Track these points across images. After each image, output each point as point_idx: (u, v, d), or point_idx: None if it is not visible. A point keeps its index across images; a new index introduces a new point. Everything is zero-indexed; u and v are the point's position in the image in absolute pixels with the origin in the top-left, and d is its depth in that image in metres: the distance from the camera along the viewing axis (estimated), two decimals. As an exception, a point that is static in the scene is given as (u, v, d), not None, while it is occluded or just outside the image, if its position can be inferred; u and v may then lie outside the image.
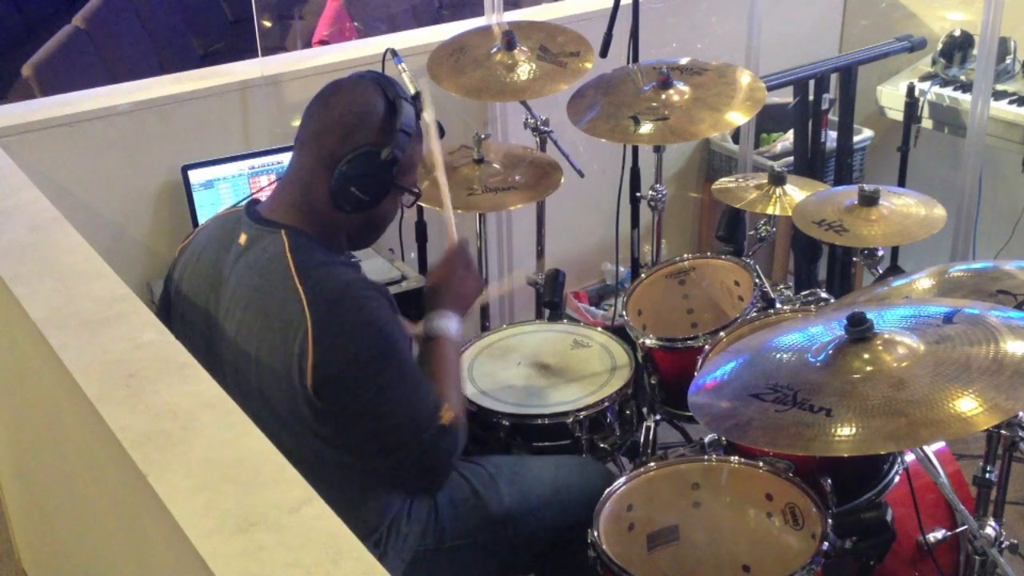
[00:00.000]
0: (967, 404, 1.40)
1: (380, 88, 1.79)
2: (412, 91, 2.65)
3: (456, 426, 1.79)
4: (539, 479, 2.03)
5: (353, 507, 1.79)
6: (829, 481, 1.87)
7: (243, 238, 1.79)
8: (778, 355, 1.64)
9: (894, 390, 1.46)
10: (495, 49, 2.72)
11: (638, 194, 2.88)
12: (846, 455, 1.44)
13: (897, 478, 1.95)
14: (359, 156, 1.75)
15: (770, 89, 2.77)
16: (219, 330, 1.78)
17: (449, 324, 1.93)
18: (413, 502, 1.90)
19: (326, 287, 1.70)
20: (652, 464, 1.95)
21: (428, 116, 2.61)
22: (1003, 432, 1.73)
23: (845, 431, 1.43)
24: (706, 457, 1.95)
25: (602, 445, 2.21)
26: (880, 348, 1.53)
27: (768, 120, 3.50)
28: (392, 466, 1.76)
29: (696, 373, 2.12)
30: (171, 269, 1.94)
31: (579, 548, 1.83)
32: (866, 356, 1.53)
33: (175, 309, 1.89)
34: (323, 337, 1.65)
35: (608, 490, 1.89)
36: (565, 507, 1.99)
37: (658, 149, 2.69)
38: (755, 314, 2.25)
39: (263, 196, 1.89)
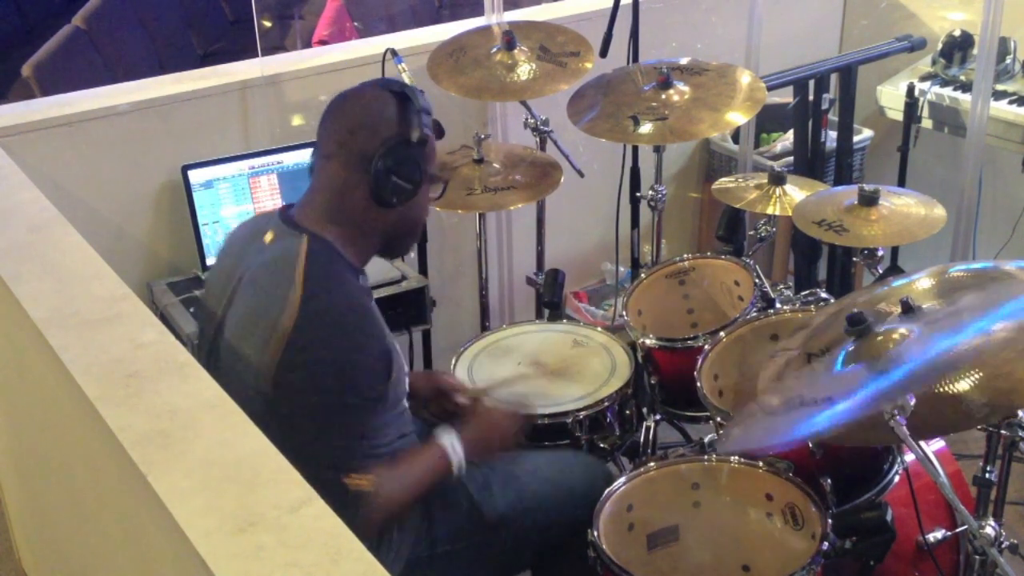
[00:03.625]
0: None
1: (384, 87, 1.83)
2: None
3: (369, 498, 1.70)
4: (534, 478, 2.02)
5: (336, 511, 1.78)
6: (829, 481, 1.87)
7: (269, 236, 1.81)
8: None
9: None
10: (495, 49, 2.72)
11: (638, 194, 2.88)
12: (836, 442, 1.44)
13: (897, 478, 1.95)
14: (391, 147, 1.77)
15: (770, 89, 2.77)
16: (224, 323, 1.81)
17: (456, 453, 1.85)
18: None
19: (326, 298, 1.71)
20: (652, 464, 1.95)
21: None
22: (1003, 432, 1.74)
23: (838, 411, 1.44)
24: (706, 457, 1.95)
25: (602, 445, 2.21)
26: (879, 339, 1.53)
27: (768, 120, 3.50)
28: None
29: (696, 374, 2.13)
30: None
31: (576, 546, 1.83)
32: (867, 347, 1.53)
33: (202, 306, 1.96)
34: (297, 336, 1.67)
35: (608, 490, 1.89)
36: (561, 505, 1.99)
37: (658, 149, 2.69)
38: (755, 314, 2.25)
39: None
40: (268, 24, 5.10)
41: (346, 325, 1.72)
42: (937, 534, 1.91)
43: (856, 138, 3.48)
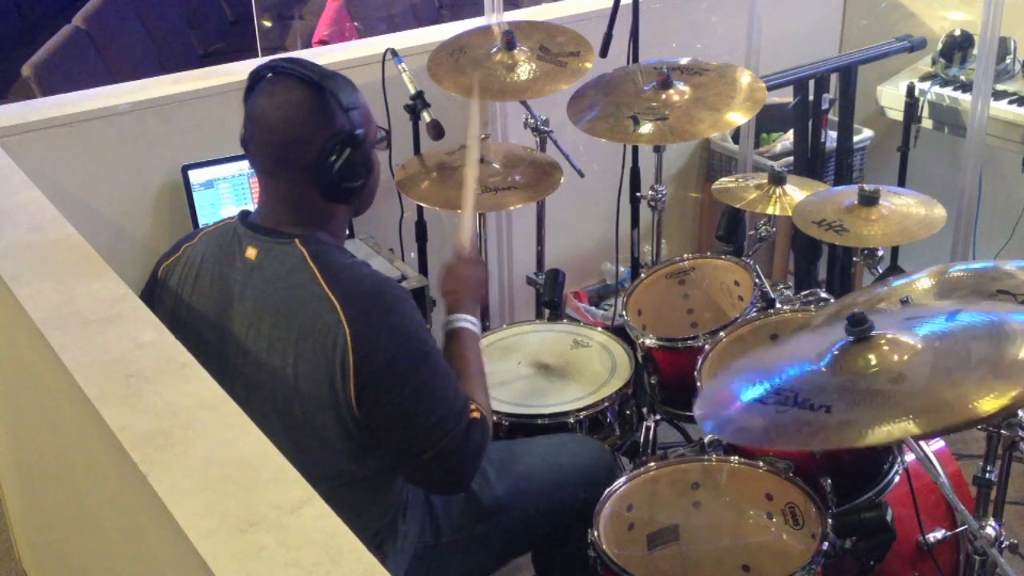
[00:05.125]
0: (966, 391, 1.40)
1: (294, 77, 1.71)
2: (412, 91, 2.67)
3: (484, 421, 1.78)
4: (529, 463, 2.03)
5: (362, 510, 1.79)
6: (829, 481, 1.87)
7: (252, 252, 1.73)
8: (783, 366, 1.64)
9: (893, 383, 1.46)
10: (495, 49, 2.72)
11: (638, 194, 2.88)
12: (846, 447, 1.44)
13: (897, 478, 1.95)
14: (332, 152, 1.70)
15: (770, 89, 2.77)
16: (238, 347, 1.72)
17: (467, 320, 1.94)
18: (408, 502, 1.90)
19: (358, 290, 1.68)
20: (652, 464, 1.95)
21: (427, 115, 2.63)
22: (1003, 432, 1.73)
23: (844, 425, 1.43)
24: (706, 457, 1.95)
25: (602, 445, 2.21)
26: (883, 346, 1.52)
27: (768, 120, 3.50)
28: (422, 464, 1.72)
29: (696, 374, 2.13)
30: (152, 292, 1.84)
31: (577, 528, 1.84)
32: (868, 355, 1.52)
33: (175, 331, 1.76)
34: (361, 341, 1.63)
35: (608, 490, 1.90)
36: (561, 486, 2.00)
37: (658, 149, 2.69)
38: (755, 314, 2.25)
39: (251, 208, 1.85)
40: (268, 24, 5.10)
41: (390, 299, 1.69)
42: (937, 534, 1.91)
43: (856, 138, 3.48)
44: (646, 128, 2.48)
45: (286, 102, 1.70)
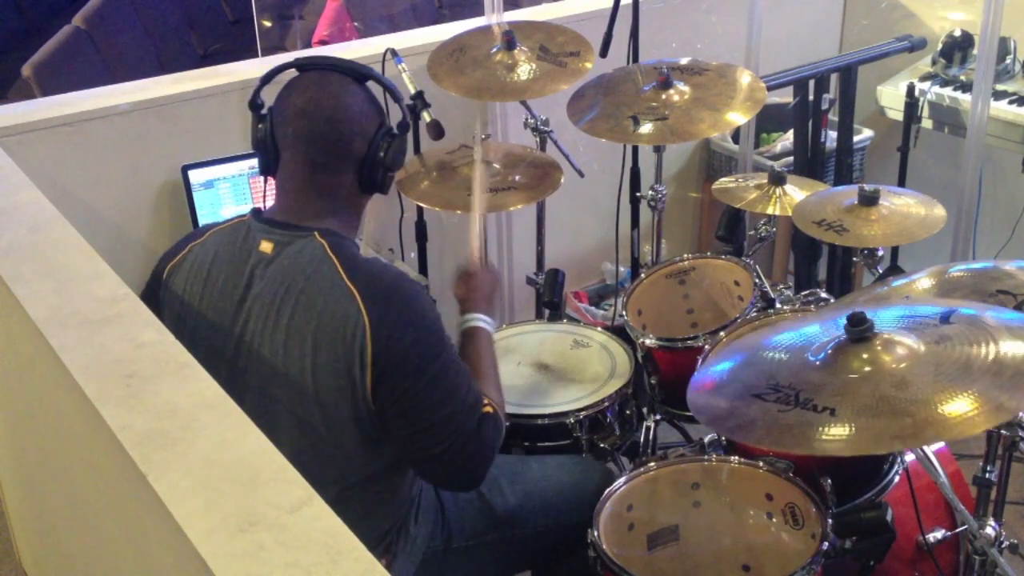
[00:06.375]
0: (970, 404, 1.40)
1: (340, 73, 1.77)
2: (412, 91, 2.67)
3: (497, 417, 1.78)
4: (541, 478, 2.04)
5: (372, 511, 1.79)
6: (829, 481, 1.87)
7: (267, 246, 1.73)
8: (777, 355, 1.64)
9: (897, 390, 1.46)
10: (495, 49, 2.72)
11: (638, 194, 2.88)
12: (851, 455, 1.44)
13: (897, 478, 1.95)
14: (380, 142, 1.76)
15: (770, 89, 2.77)
16: (252, 342, 1.71)
17: (482, 319, 1.95)
18: (420, 504, 1.90)
19: (377, 281, 1.68)
20: (652, 464, 1.95)
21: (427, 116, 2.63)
22: (1003, 432, 1.74)
23: (850, 431, 1.43)
24: (706, 457, 1.95)
25: (602, 445, 2.21)
26: (880, 348, 1.53)
27: (768, 120, 3.50)
28: (433, 458, 1.72)
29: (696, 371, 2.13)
30: (155, 292, 1.83)
31: (579, 547, 1.83)
32: (866, 356, 1.53)
33: (182, 331, 1.75)
34: (380, 331, 1.64)
35: (608, 490, 1.90)
36: (567, 506, 2.00)
37: (658, 149, 2.69)
38: (755, 314, 2.25)
39: (262, 205, 1.85)
40: (268, 24, 5.10)
41: (408, 292, 1.70)
42: (937, 534, 1.91)
43: (856, 138, 3.48)
44: (646, 128, 2.48)
45: (344, 93, 1.75)
